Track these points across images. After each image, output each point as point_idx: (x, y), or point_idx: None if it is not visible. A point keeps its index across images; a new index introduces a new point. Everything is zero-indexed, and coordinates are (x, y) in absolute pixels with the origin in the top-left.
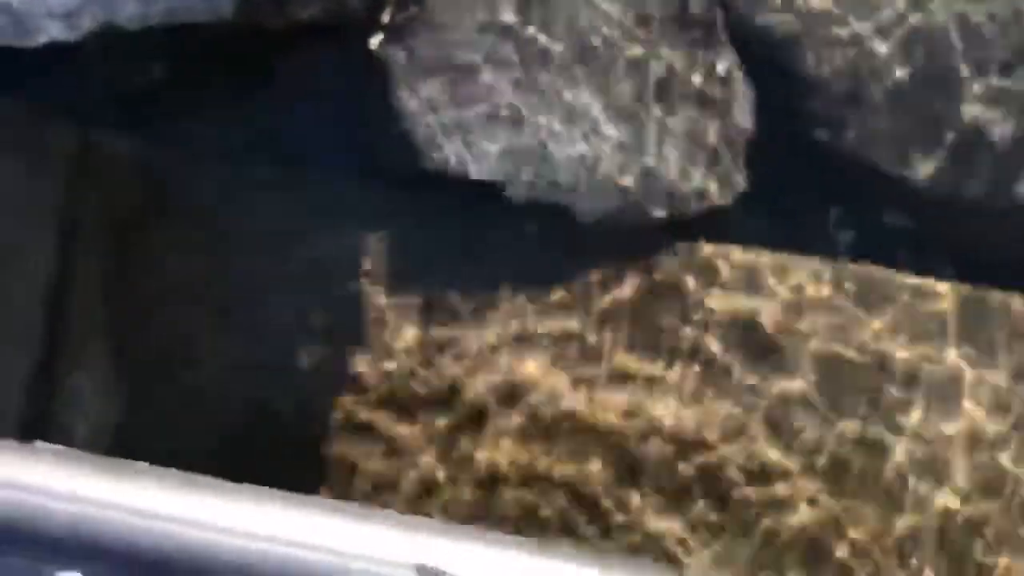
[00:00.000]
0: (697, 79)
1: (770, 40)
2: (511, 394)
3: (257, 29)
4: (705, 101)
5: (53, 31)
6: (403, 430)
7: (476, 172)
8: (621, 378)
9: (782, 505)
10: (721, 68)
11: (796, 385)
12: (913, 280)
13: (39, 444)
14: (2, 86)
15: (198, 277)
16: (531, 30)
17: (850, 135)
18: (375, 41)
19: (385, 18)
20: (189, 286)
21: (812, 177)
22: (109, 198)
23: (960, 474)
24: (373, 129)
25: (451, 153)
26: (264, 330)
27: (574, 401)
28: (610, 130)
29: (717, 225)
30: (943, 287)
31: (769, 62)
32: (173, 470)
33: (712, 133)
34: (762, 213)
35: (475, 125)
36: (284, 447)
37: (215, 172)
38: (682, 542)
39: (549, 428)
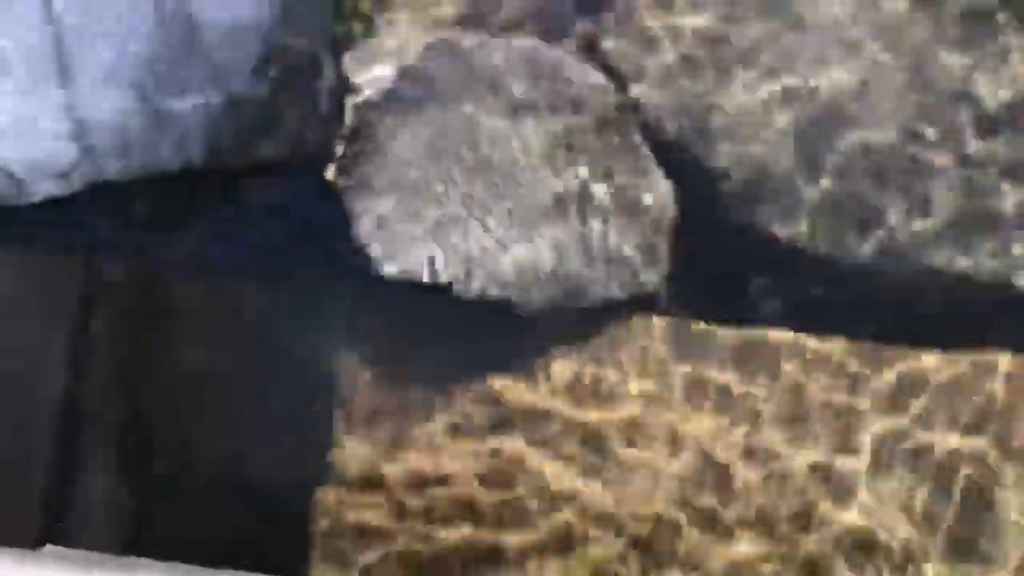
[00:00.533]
0: (623, 178)
1: (685, 138)
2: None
3: (226, 170)
4: (631, 197)
5: (49, 188)
6: (375, 513)
7: (427, 276)
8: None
9: None
10: (643, 166)
11: None
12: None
13: (49, 548)
14: (5, 236)
15: (193, 377)
16: (471, 152)
17: (762, 215)
18: (331, 171)
19: (338, 151)
20: (185, 385)
21: (732, 254)
22: (112, 315)
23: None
24: (338, 244)
25: (404, 261)
26: (253, 422)
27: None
28: (546, 229)
29: (649, 303)
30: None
31: (685, 157)
32: (179, 564)
33: (639, 224)
34: (690, 289)
35: (423, 236)
36: (275, 533)
37: (202, 285)
38: None
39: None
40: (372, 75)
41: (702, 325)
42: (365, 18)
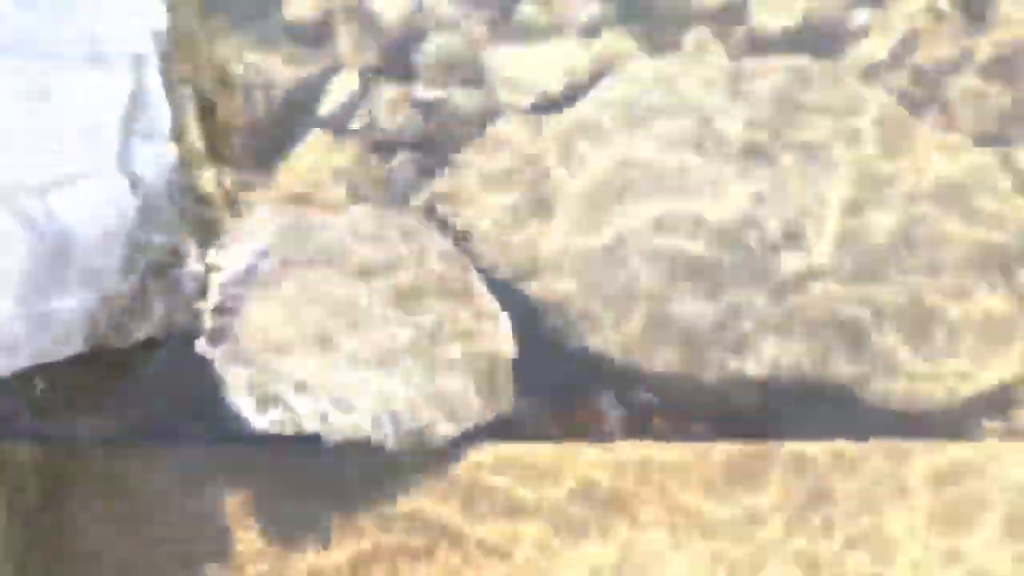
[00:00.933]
0: (465, 320)
1: (518, 281)
2: None
3: (109, 350)
4: (473, 335)
5: None
6: None
7: (292, 428)
8: None
9: None
10: (482, 307)
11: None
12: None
13: None
14: None
15: (93, 547)
16: (327, 315)
17: (594, 341)
18: (200, 343)
19: (207, 325)
20: (86, 555)
21: (572, 377)
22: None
23: None
24: (215, 407)
25: (273, 416)
26: None
27: None
28: (396, 374)
29: (500, 431)
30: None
31: (519, 296)
32: None
33: (482, 360)
34: (537, 414)
35: (288, 393)
36: None
37: (97, 456)
38: None
39: None
40: (232, 255)
41: (553, 451)
42: (225, 202)
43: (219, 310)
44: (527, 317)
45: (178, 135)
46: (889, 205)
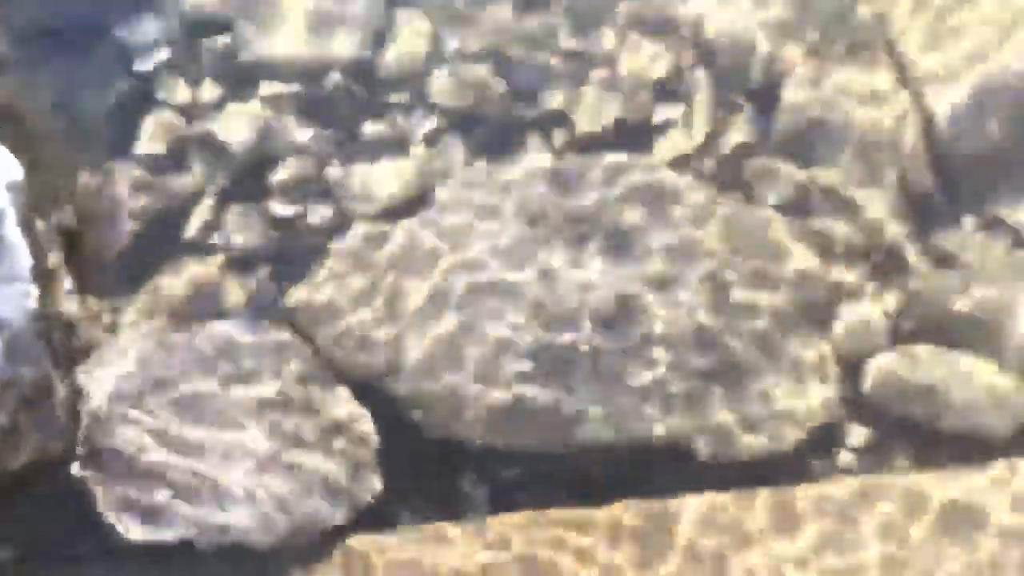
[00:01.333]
0: (328, 420)
1: (378, 379)
2: None
3: None
4: (337, 434)
5: None
6: None
7: (172, 537)
8: None
9: None
10: (344, 406)
11: None
12: None
13: None
14: None
15: None
16: (193, 427)
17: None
18: (75, 467)
19: (79, 449)
20: None
21: (436, 462)
22: None
23: None
24: (102, 523)
25: (150, 528)
26: None
27: None
28: (265, 479)
29: (376, 518)
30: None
31: (380, 393)
32: None
33: (348, 455)
34: (408, 499)
35: (162, 506)
36: None
37: None
38: None
39: None
40: (101, 379)
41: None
42: (93, 329)
43: (90, 433)
44: (389, 412)
45: (41, 271)
46: (701, 278)
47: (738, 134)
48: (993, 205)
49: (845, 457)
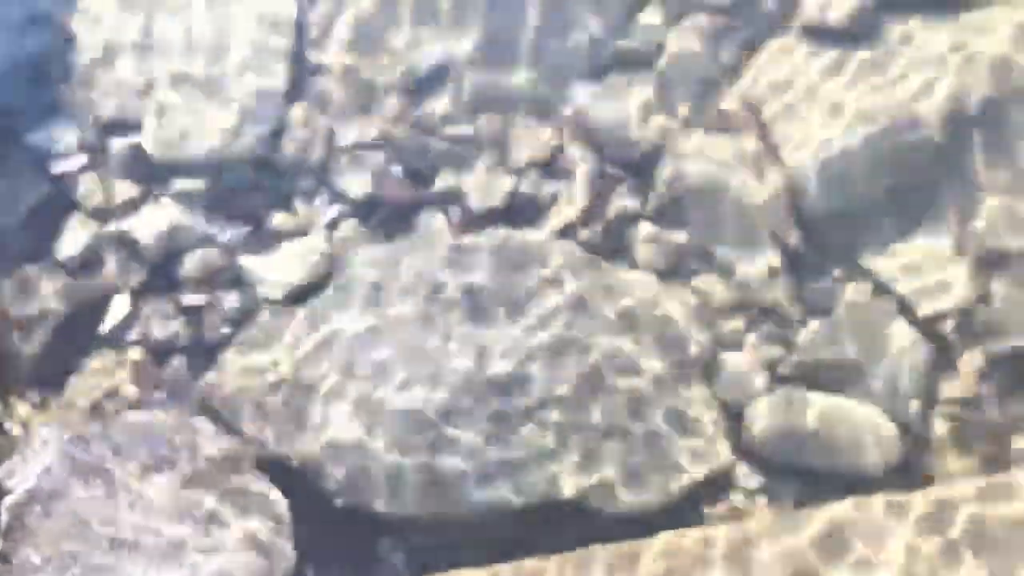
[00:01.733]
0: (244, 499)
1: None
2: None
3: None
4: (251, 512)
5: None
6: None
7: None
8: None
9: None
10: (257, 484)
11: None
12: None
13: None
14: None
15: None
16: (112, 522)
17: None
18: None
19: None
20: None
21: (352, 533)
22: None
23: None
24: None
25: None
26: None
27: None
28: (186, 562)
29: None
30: None
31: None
32: None
33: (263, 532)
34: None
35: None
36: None
37: None
38: None
39: None
40: (20, 476)
41: None
42: (12, 427)
43: (8, 531)
44: (300, 488)
45: None
46: (589, 343)
47: (620, 202)
48: (856, 256)
49: (736, 499)
